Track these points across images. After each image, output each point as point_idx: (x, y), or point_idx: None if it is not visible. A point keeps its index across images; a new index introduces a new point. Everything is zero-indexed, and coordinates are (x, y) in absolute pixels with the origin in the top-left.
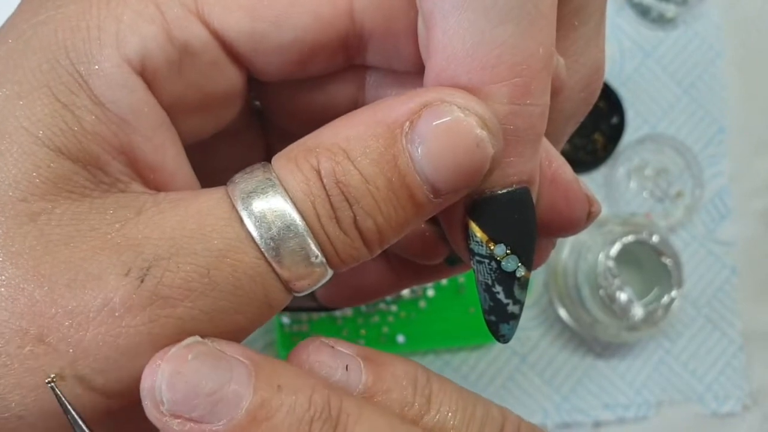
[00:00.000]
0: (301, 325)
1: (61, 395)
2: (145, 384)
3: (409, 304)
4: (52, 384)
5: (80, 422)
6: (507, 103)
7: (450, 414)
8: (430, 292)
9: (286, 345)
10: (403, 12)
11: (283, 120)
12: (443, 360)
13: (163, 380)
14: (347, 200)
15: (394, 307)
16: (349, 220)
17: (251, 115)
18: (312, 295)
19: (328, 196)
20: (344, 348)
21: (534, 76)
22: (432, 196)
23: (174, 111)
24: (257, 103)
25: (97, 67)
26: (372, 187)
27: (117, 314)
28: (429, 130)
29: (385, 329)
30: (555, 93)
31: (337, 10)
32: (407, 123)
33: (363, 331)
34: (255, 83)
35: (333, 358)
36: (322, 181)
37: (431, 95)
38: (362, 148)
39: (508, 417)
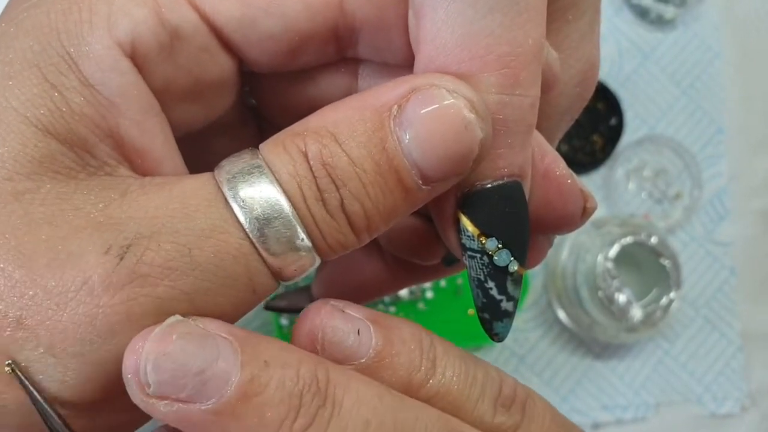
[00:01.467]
0: None
1: (22, 378)
2: (128, 366)
3: (407, 306)
4: (12, 367)
5: (43, 404)
6: (496, 93)
7: (454, 378)
8: (429, 294)
9: None
10: (393, 2)
11: (278, 116)
12: None
13: (149, 361)
14: (334, 183)
15: (392, 309)
16: (335, 203)
17: (246, 112)
18: (308, 295)
19: (314, 178)
20: (354, 311)
21: (523, 66)
22: (421, 181)
23: (164, 97)
24: (252, 100)
25: (87, 48)
26: (359, 169)
27: (95, 293)
28: (417, 113)
29: None
30: (548, 87)
31: None
32: (395, 107)
33: None
34: (248, 77)
35: (345, 323)
36: (309, 163)
37: (420, 80)
38: (349, 132)
39: (504, 379)
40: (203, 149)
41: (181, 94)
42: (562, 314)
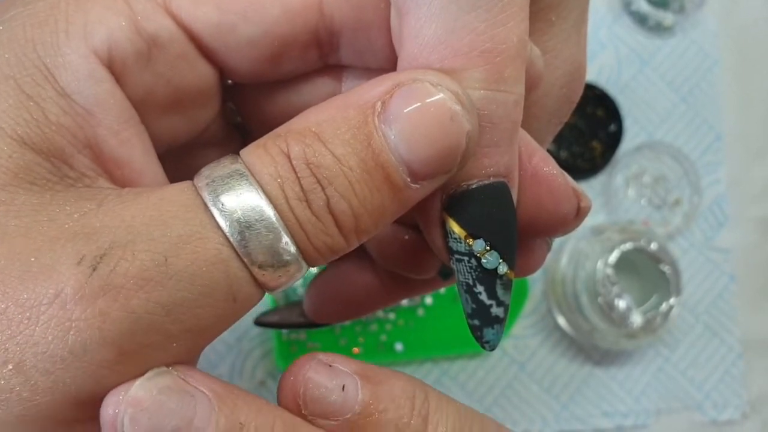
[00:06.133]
0: (298, 333)
1: None
2: (106, 415)
3: (407, 312)
4: None
5: None
6: (480, 88)
7: None
8: (428, 300)
9: (284, 353)
10: (373, 4)
11: (264, 129)
12: (441, 368)
13: (126, 414)
14: (319, 182)
15: (392, 315)
16: (321, 203)
17: (232, 128)
18: (300, 311)
19: (298, 178)
20: (342, 365)
21: (507, 63)
22: (409, 178)
23: (145, 107)
24: (238, 118)
25: (62, 59)
26: (345, 167)
27: (67, 307)
28: (401, 108)
29: (383, 337)
30: (532, 85)
31: (306, 2)
32: (379, 103)
33: (361, 339)
34: (232, 91)
35: (330, 379)
36: (292, 164)
37: (403, 76)
38: (333, 130)
39: None
40: (190, 167)
41: (161, 105)
42: (562, 321)
